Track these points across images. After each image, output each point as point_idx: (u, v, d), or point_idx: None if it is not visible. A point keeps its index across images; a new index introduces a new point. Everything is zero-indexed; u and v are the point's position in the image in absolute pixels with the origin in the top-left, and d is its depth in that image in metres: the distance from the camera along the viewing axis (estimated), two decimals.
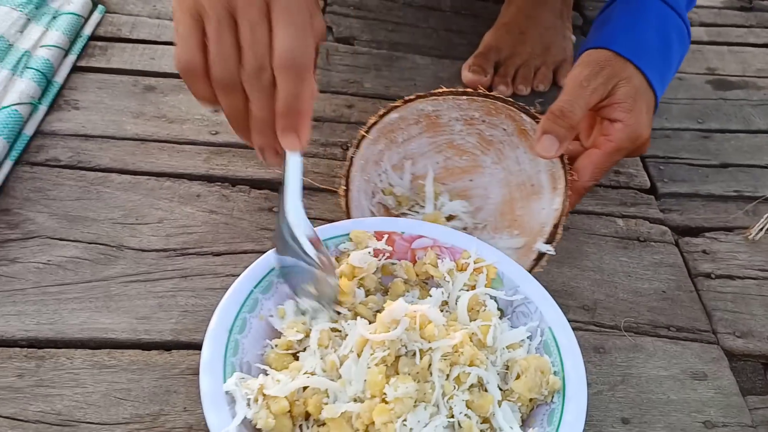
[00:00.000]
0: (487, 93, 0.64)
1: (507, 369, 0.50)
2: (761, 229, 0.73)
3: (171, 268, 0.61)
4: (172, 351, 0.56)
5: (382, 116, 0.63)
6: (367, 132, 0.63)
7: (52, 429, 0.50)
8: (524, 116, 0.63)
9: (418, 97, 0.64)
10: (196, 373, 0.53)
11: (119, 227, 0.64)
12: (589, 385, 0.50)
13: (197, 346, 0.56)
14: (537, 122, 0.62)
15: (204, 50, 0.49)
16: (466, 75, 0.85)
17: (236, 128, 0.52)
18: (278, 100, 0.49)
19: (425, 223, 0.58)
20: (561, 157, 0.61)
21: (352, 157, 0.62)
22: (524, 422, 0.49)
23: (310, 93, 0.49)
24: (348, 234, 0.55)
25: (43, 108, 0.73)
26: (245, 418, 0.44)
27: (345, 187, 0.61)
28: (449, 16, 0.98)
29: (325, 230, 0.56)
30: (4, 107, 0.68)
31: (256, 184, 0.70)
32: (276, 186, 0.70)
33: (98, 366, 0.54)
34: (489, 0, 1.00)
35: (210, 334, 0.47)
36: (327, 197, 0.70)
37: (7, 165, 0.66)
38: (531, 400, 0.49)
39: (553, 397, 0.49)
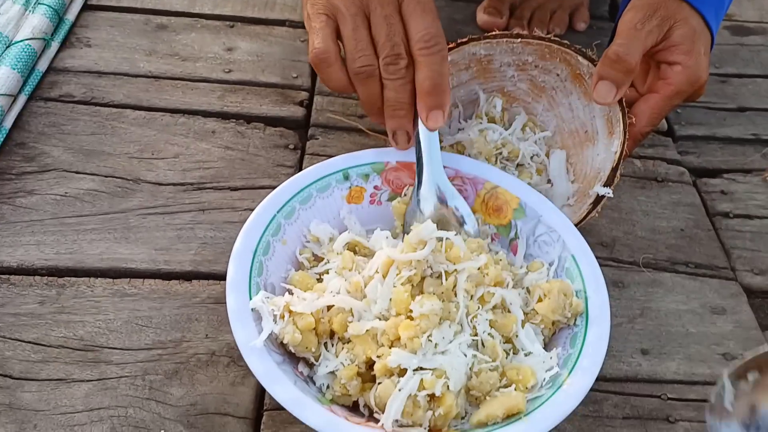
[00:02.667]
0: (543, 36, 0.62)
1: (529, 293, 0.50)
2: None
3: (189, 202, 0.61)
4: (193, 281, 0.56)
5: None
6: None
7: (75, 353, 0.50)
8: (581, 59, 0.61)
9: (471, 39, 0.62)
10: (217, 302, 0.54)
11: (135, 161, 0.63)
12: None
13: (217, 277, 0.56)
14: (594, 65, 0.60)
15: (337, 43, 0.53)
16: (482, 17, 0.84)
17: (370, 112, 0.56)
18: (423, 81, 0.51)
19: (447, 154, 0.57)
20: (619, 100, 0.59)
21: None
22: (547, 345, 0.50)
23: (448, 72, 0.52)
24: (373, 163, 0.55)
25: (55, 45, 0.72)
26: (272, 333, 0.44)
27: None
28: None
29: (346, 159, 0.55)
30: (17, 41, 0.67)
31: (270, 121, 0.69)
32: (291, 124, 0.70)
33: (119, 294, 0.54)
34: None
35: (235, 254, 0.47)
36: (343, 135, 0.69)
37: (22, 99, 0.66)
38: (554, 323, 0.49)
39: (576, 320, 0.49)
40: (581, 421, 0.51)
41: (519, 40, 0.62)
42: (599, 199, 0.58)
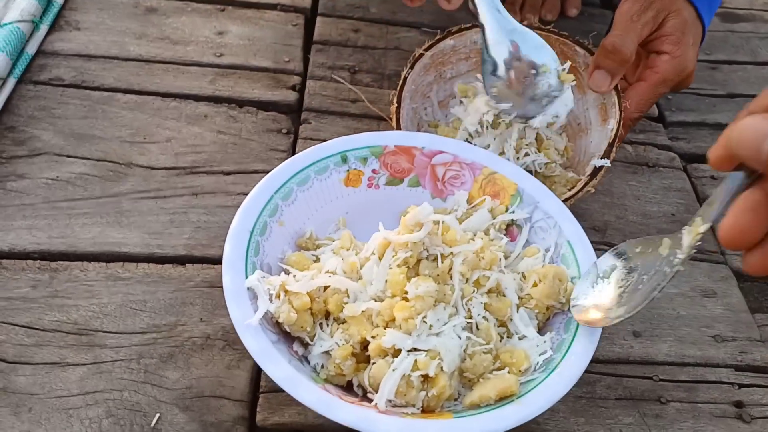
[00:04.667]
0: (542, 27, 0.63)
1: (524, 278, 0.51)
2: None
3: (181, 186, 0.61)
4: (186, 265, 0.55)
5: (439, 40, 0.62)
6: (426, 51, 0.61)
7: (69, 337, 0.50)
8: (578, 49, 0.62)
9: (474, 26, 0.62)
10: (212, 286, 0.54)
11: (127, 145, 0.63)
12: None
13: (211, 261, 0.56)
14: (591, 55, 0.61)
15: None
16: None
17: None
18: None
19: (446, 139, 0.57)
20: (615, 87, 0.61)
21: (405, 76, 0.61)
22: (541, 330, 0.50)
23: None
24: (371, 146, 0.55)
25: (44, 27, 0.71)
26: (267, 312, 0.44)
27: (397, 105, 0.60)
28: None
29: (345, 142, 0.55)
30: (6, 24, 0.67)
31: (263, 105, 0.69)
32: (283, 109, 0.69)
33: (112, 278, 0.54)
34: None
35: (232, 234, 0.47)
36: (336, 120, 0.69)
37: (11, 83, 0.65)
38: (548, 308, 0.49)
39: (570, 305, 0.49)
40: (575, 402, 0.51)
41: None
42: (596, 171, 0.58)
